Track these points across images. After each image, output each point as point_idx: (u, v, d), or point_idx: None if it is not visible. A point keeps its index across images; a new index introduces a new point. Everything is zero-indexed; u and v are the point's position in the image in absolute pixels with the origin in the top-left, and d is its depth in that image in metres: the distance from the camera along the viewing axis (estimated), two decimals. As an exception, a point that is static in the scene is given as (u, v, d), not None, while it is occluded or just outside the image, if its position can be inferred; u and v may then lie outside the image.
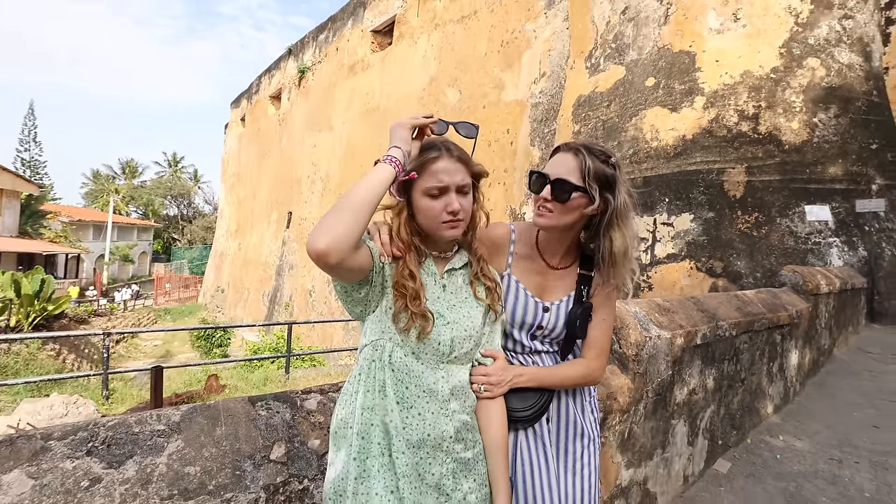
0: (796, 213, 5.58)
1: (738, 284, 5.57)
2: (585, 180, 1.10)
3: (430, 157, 0.99)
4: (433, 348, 1.00)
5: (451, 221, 0.99)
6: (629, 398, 1.92)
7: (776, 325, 3.04)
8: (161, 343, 15.90)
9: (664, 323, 2.11)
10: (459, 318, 1.04)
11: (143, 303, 27.26)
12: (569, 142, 1.17)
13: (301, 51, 19.53)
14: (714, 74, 6.41)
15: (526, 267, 1.23)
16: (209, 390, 7.13)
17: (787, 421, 3.11)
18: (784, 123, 5.93)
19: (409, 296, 0.97)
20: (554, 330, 1.23)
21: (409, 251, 1.01)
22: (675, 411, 2.27)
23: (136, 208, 46.00)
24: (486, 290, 1.10)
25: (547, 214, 1.13)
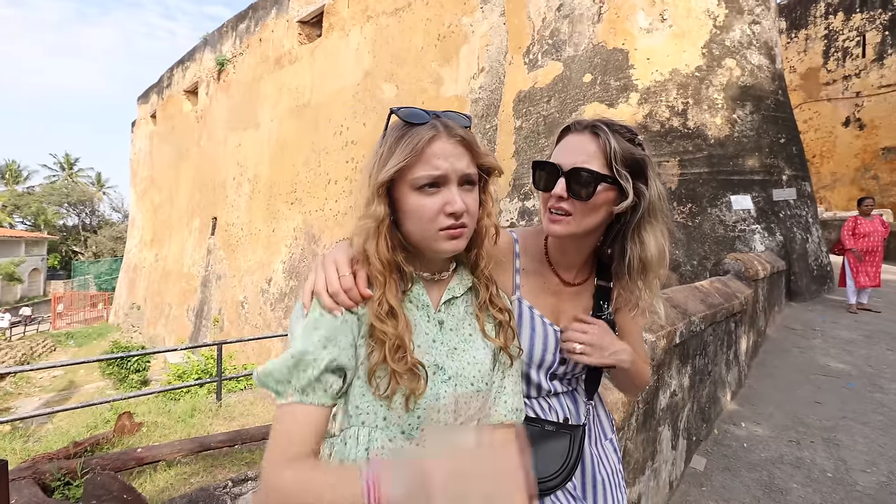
0: (724, 203, 5.98)
1: (678, 273, 5.86)
2: (612, 167, 0.84)
3: (423, 137, 0.70)
4: (430, 419, 0.72)
5: (452, 228, 0.71)
6: (624, 413, 1.81)
7: (731, 314, 3.15)
8: (63, 373, 13.74)
9: (646, 325, 2.05)
10: (464, 368, 0.77)
11: (38, 328, 23.63)
12: (581, 119, 0.90)
13: (219, 41, 17.97)
14: (646, 72, 6.70)
15: (537, 286, 0.98)
16: (121, 432, 5.92)
17: (743, 406, 3.25)
18: (709, 119, 6.33)
19: (390, 345, 0.69)
20: (574, 369, 0.98)
21: (388, 275, 0.72)
22: (661, 417, 2.24)
23: (22, 219, 39.76)
24: (496, 324, 0.83)
25: (563, 219, 0.86)
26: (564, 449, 0.91)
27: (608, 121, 0.87)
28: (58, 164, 44.15)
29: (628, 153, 0.84)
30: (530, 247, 1.00)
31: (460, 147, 0.71)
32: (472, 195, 0.73)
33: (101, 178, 46.05)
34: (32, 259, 34.32)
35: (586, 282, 1.00)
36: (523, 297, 0.97)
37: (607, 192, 0.85)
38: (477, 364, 0.78)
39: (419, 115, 0.71)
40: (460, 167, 0.70)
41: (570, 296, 1.00)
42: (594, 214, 0.86)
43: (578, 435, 0.93)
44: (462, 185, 0.72)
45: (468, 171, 0.71)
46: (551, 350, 0.95)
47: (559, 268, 0.99)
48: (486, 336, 0.80)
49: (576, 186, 0.84)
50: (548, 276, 0.99)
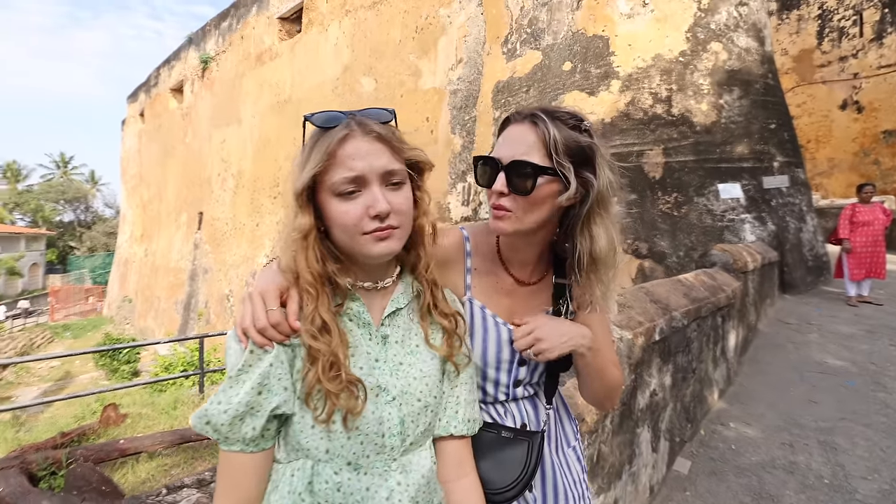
0: (711, 192, 5.75)
1: (664, 265, 5.64)
2: (553, 157, 0.78)
3: (334, 139, 0.67)
4: (375, 443, 0.68)
5: (378, 231, 0.67)
6: (597, 415, 1.60)
7: (718, 308, 2.92)
8: (59, 364, 13.80)
9: (622, 322, 1.80)
10: (410, 384, 0.73)
11: (37, 320, 24.21)
12: (521, 109, 0.85)
13: (203, 40, 18.07)
14: (628, 58, 6.47)
15: (490, 286, 0.92)
16: (106, 423, 6.01)
17: (732, 405, 3.02)
18: (694, 105, 6.11)
19: (323, 361, 0.65)
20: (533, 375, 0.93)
21: (320, 289, 0.68)
22: (640, 418, 2.00)
23: (22, 215, 40.88)
24: (442, 332, 0.78)
25: (506, 215, 0.81)
26: (522, 457, 0.85)
27: (551, 108, 0.83)
28: (53, 163, 45.17)
29: (572, 141, 0.79)
30: (481, 245, 0.94)
31: (378, 144, 0.68)
32: (400, 193, 0.70)
33: (95, 175, 46.99)
34: (32, 254, 35.75)
35: (543, 280, 0.94)
36: (475, 298, 0.91)
37: (550, 184, 0.80)
38: (425, 378, 0.75)
39: (333, 118, 0.69)
40: (379, 165, 0.67)
41: (526, 295, 0.93)
42: (538, 209, 0.81)
43: (537, 442, 0.86)
44: (386, 184, 0.68)
45: (390, 168, 0.68)
46: (507, 351, 0.90)
47: (512, 266, 0.93)
48: (431, 345, 0.77)
49: (515, 180, 0.79)
50: (501, 275, 0.93)
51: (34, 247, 36.42)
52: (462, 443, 0.79)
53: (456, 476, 0.77)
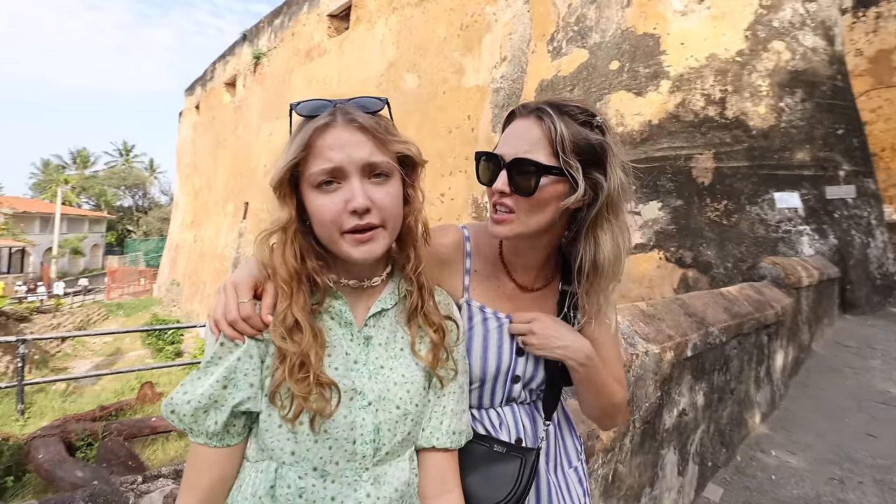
0: (766, 201, 5.37)
1: (709, 275, 5.33)
2: (559, 156, 0.72)
3: (314, 127, 0.63)
4: (345, 450, 0.64)
5: (357, 231, 0.63)
6: (614, 433, 1.50)
7: (763, 325, 2.70)
8: (111, 340, 14.76)
9: (651, 334, 1.68)
10: (389, 389, 0.68)
11: (94, 297, 25.89)
12: (527, 102, 0.79)
13: (256, 36, 18.88)
14: (679, 57, 6.16)
15: (490, 290, 0.86)
16: (142, 400, 6.46)
17: (776, 431, 2.78)
18: (751, 108, 5.72)
19: (290, 363, 0.61)
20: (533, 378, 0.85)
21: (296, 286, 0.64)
22: (665, 439, 1.87)
23: (87, 199, 44.03)
24: (428, 342, 0.72)
25: (507, 217, 0.76)
26: (513, 474, 0.79)
27: (560, 101, 0.76)
28: (117, 151, 48.69)
29: (581, 138, 0.73)
30: (483, 246, 0.88)
31: (360, 134, 0.63)
32: (384, 188, 0.65)
33: (154, 163, 50.08)
34: (93, 236, 38.52)
35: (548, 286, 0.88)
36: (473, 300, 0.85)
37: (555, 184, 0.74)
38: (406, 384, 0.70)
39: (317, 107, 0.66)
40: (360, 156, 0.63)
41: (530, 302, 0.87)
42: (541, 211, 0.75)
43: (531, 460, 0.80)
44: (368, 176, 0.64)
45: (373, 160, 0.63)
46: (506, 355, 0.84)
47: (515, 271, 0.87)
48: (415, 353, 0.72)
49: (518, 179, 0.73)
50: (502, 279, 0.87)
51: (96, 229, 39.18)
52: (446, 456, 0.74)
53: (437, 492, 0.71)
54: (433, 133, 9.55)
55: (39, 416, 6.30)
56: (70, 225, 35.46)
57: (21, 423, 5.82)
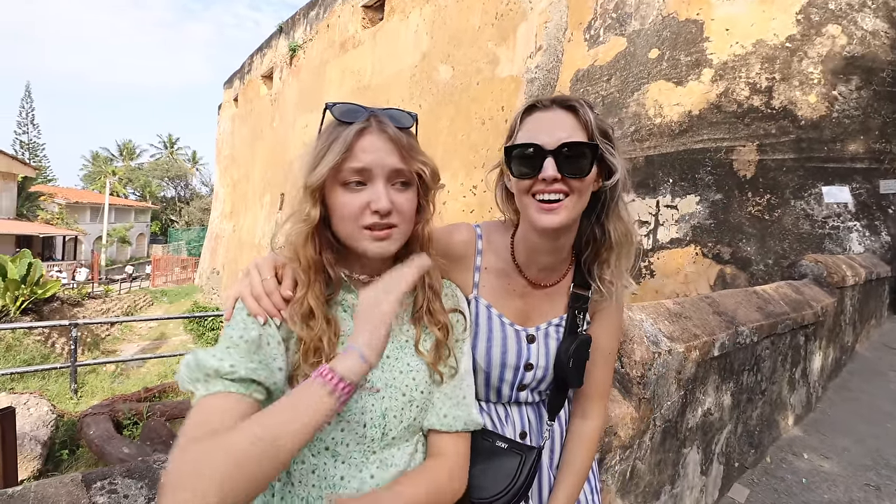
0: (812, 195, 5.13)
1: (748, 272, 5.16)
2: (596, 139, 0.78)
3: (352, 131, 0.67)
4: (356, 433, 0.69)
5: (376, 228, 0.68)
6: (633, 430, 1.52)
7: (800, 326, 2.63)
8: (156, 325, 15.66)
9: (675, 333, 1.69)
10: (395, 378, 0.73)
11: (140, 284, 27.29)
12: (543, 97, 0.82)
13: (292, 28, 19.11)
14: (723, 45, 5.90)
15: (500, 288, 0.89)
16: None
17: (810, 434, 2.72)
18: (800, 97, 5.44)
19: (305, 348, 0.66)
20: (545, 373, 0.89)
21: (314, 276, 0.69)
22: (688, 437, 1.88)
23: (133, 190, 46.17)
24: (433, 339, 0.77)
25: (559, 205, 0.76)
26: (512, 470, 0.82)
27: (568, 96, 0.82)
28: (161, 143, 50.42)
29: (601, 124, 0.78)
30: (495, 243, 0.91)
31: (390, 144, 0.68)
32: (404, 195, 0.70)
33: (196, 155, 51.68)
34: (139, 225, 40.33)
35: (560, 283, 0.91)
36: (481, 297, 0.88)
37: (596, 166, 0.78)
38: (412, 372, 0.74)
39: (353, 112, 0.69)
40: (388, 162, 0.68)
41: (541, 299, 0.90)
42: (586, 193, 0.79)
43: (531, 458, 0.83)
44: (393, 183, 0.69)
45: (399, 167, 0.69)
46: (513, 353, 0.87)
47: (528, 270, 0.89)
48: (419, 351, 0.76)
49: (570, 163, 0.75)
50: (513, 276, 0.90)
51: (141, 219, 41.04)
52: (453, 439, 0.77)
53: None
54: (466, 124, 9.54)
55: (91, 395, 6.79)
56: (117, 215, 37.42)
57: (75, 402, 6.29)
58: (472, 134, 9.23)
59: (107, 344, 13.11)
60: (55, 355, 9.95)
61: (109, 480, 0.79)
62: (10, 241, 22.14)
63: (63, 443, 4.93)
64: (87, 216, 34.21)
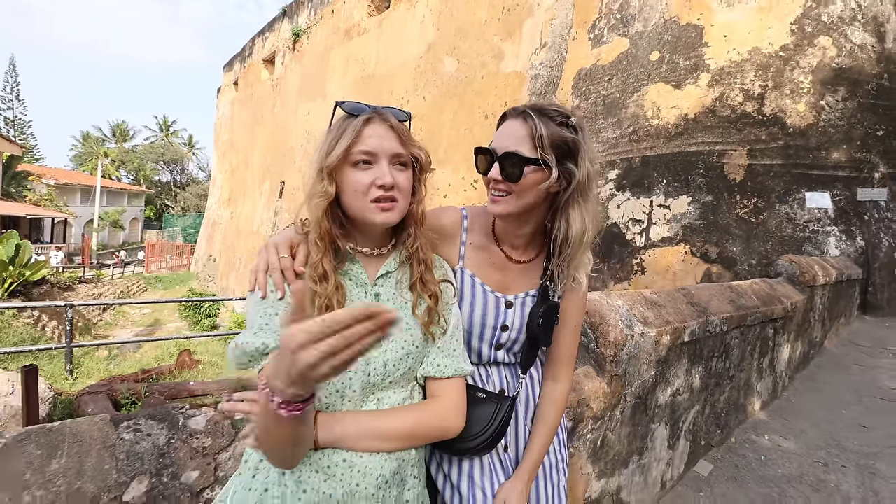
0: (796, 200, 5.37)
1: (733, 271, 5.41)
2: (538, 150, 0.90)
3: (360, 120, 0.82)
4: (360, 379, 0.81)
5: (382, 200, 0.81)
6: (604, 404, 1.75)
7: (770, 319, 2.88)
8: (150, 311, 15.52)
9: (650, 319, 1.93)
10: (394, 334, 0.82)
11: (133, 270, 26.77)
12: (516, 106, 0.97)
13: (296, 12, 18.60)
14: (721, 50, 6.08)
15: (482, 260, 1.04)
16: (181, 366, 6.98)
17: (773, 418, 2.99)
18: (790, 105, 5.66)
19: (318, 304, 0.77)
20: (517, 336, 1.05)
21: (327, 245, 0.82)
22: (657, 414, 2.12)
23: (127, 173, 44.92)
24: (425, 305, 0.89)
25: (502, 199, 0.94)
26: (488, 415, 0.96)
27: (542, 105, 0.93)
28: (157, 126, 48.53)
29: (557, 136, 0.90)
30: (478, 223, 1.06)
31: (391, 132, 0.82)
32: (404, 174, 0.83)
33: (192, 139, 49.93)
34: (132, 209, 38.88)
35: (534, 261, 1.06)
36: (466, 268, 1.03)
37: (536, 173, 0.91)
38: (409, 329, 0.87)
39: (360, 108, 0.83)
40: (390, 146, 0.81)
41: (518, 272, 1.06)
42: (528, 194, 0.92)
43: (505, 405, 0.98)
44: (394, 164, 0.82)
45: (398, 151, 0.82)
46: (491, 314, 1.02)
47: (504, 244, 1.05)
48: (415, 314, 0.88)
49: (507, 169, 0.90)
50: (493, 251, 1.05)
51: (135, 203, 39.87)
52: (447, 383, 0.90)
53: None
54: (470, 118, 9.66)
55: (87, 376, 6.79)
56: (110, 198, 36.39)
57: (70, 382, 6.30)
58: (474, 128, 9.36)
59: (99, 329, 12.86)
60: (45, 338, 9.72)
61: (135, 421, 0.94)
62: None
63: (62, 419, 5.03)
64: (77, 198, 33.43)
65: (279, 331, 0.70)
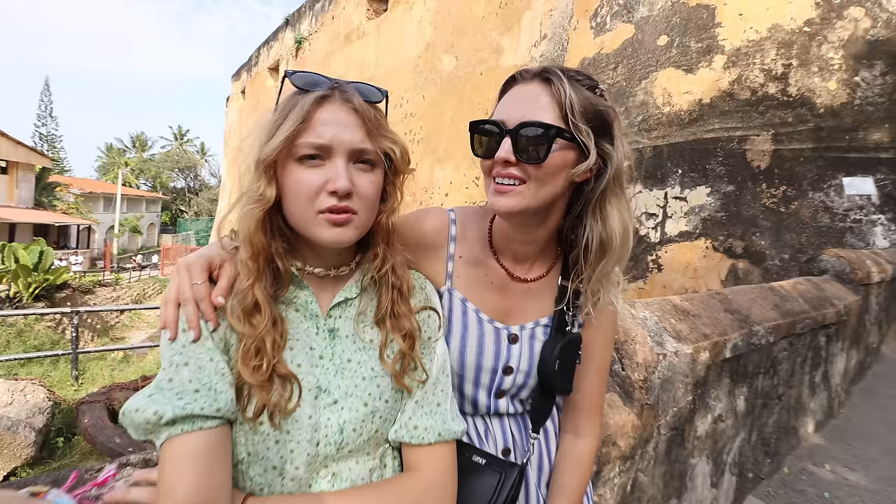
0: (832, 186, 4.86)
1: (762, 267, 4.92)
2: (569, 119, 0.65)
3: (310, 100, 0.61)
4: (307, 453, 0.59)
5: (335, 212, 0.59)
6: (634, 439, 1.35)
7: (821, 326, 2.41)
8: None
9: (683, 332, 1.49)
10: (357, 386, 0.63)
11: (150, 273, 28.02)
12: (528, 67, 0.72)
13: (298, 21, 19.23)
14: (737, 30, 5.64)
15: (476, 279, 0.78)
16: None
17: (832, 442, 2.50)
18: (819, 83, 5.15)
19: (245, 348, 0.57)
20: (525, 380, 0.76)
21: (261, 265, 0.60)
22: (696, 447, 1.68)
23: (145, 181, 47.59)
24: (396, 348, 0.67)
25: (513, 189, 0.67)
26: (489, 489, 0.71)
27: (564, 67, 0.70)
28: (172, 135, 51.99)
29: (588, 104, 0.67)
30: (471, 229, 0.81)
31: (354, 117, 0.62)
32: (368, 177, 0.62)
33: (205, 147, 53.18)
34: (150, 215, 41.48)
35: (544, 278, 0.79)
36: (455, 289, 0.77)
37: (565, 151, 0.67)
38: (375, 378, 0.65)
39: (314, 81, 0.63)
40: (350, 139, 0.60)
41: (522, 294, 0.78)
42: (551, 182, 0.68)
43: (512, 476, 0.72)
44: (354, 161, 0.62)
45: (362, 147, 0.61)
46: (490, 354, 0.75)
47: (505, 258, 0.79)
48: (383, 360, 0.66)
49: (526, 145, 0.65)
50: (491, 267, 0.79)
51: (152, 209, 42.16)
52: (428, 453, 0.66)
53: None
54: (470, 115, 9.32)
55: (91, 382, 6.77)
56: (129, 205, 38.46)
57: (75, 388, 6.25)
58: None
59: (116, 331, 13.26)
60: (65, 341, 10.07)
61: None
62: (29, 230, 23.05)
63: (59, 430, 4.87)
64: (100, 206, 35.22)
65: (184, 391, 0.54)
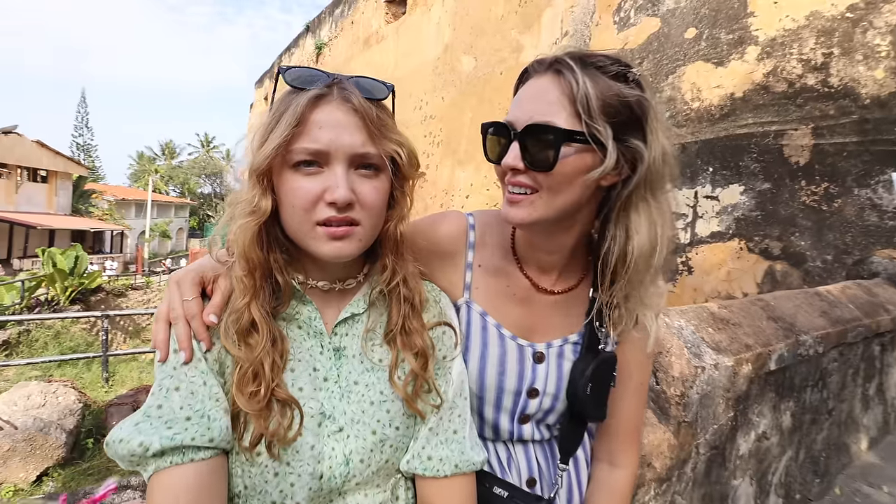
0: (881, 183, 4.54)
1: (802, 269, 4.65)
2: (582, 118, 0.58)
3: (304, 100, 0.54)
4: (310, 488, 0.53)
5: (334, 224, 0.54)
6: (671, 460, 1.24)
7: (875, 334, 2.21)
8: None
9: (723, 343, 1.36)
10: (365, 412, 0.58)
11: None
12: (544, 56, 0.64)
13: (318, 27, 19.70)
14: (771, 19, 5.37)
15: (498, 290, 0.71)
16: None
17: (889, 461, 2.30)
18: (864, 73, 4.85)
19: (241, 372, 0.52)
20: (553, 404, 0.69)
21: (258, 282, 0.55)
22: (738, 467, 1.55)
23: (174, 187, 49.77)
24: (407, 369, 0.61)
25: (524, 199, 0.62)
26: None
27: (584, 52, 0.62)
28: (199, 142, 54.11)
29: (611, 95, 0.59)
30: (492, 236, 0.73)
31: (354, 117, 0.55)
32: (371, 184, 0.57)
33: (230, 153, 53.94)
34: (178, 220, 43.11)
35: (574, 290, 0.72)
36: (474, 301, 0.70)
37: (581, 155, 0.59)
38: (385, 403, 0.60)
39: (309, 77, 0.57)
40: (350, 143, 0.54)
41: (548, 308, 0.71)
42: (567, 190, 0.61)
43: None
44: (356, 167, 0.56)
45: (364, 151, 0.55)
46: (513, 374, 0.68)
47: (530, 267, 0.71)
48: (393, 382, 0.61)
49: (533, 151, 0.59)
50: (514, 277, 0.72)
51: (181, 214, 43.80)
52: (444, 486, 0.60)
53: None
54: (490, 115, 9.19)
55: (121, 384, 6.97)
56: (159, 210, 40.08)
57: (105, 390, 6.43)
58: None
59: (147, 333, 13.78)
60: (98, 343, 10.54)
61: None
62: (66, 236, 24.25)
63: (88, 431, 5.01)
64: (132, 212, 37.02)
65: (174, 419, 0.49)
